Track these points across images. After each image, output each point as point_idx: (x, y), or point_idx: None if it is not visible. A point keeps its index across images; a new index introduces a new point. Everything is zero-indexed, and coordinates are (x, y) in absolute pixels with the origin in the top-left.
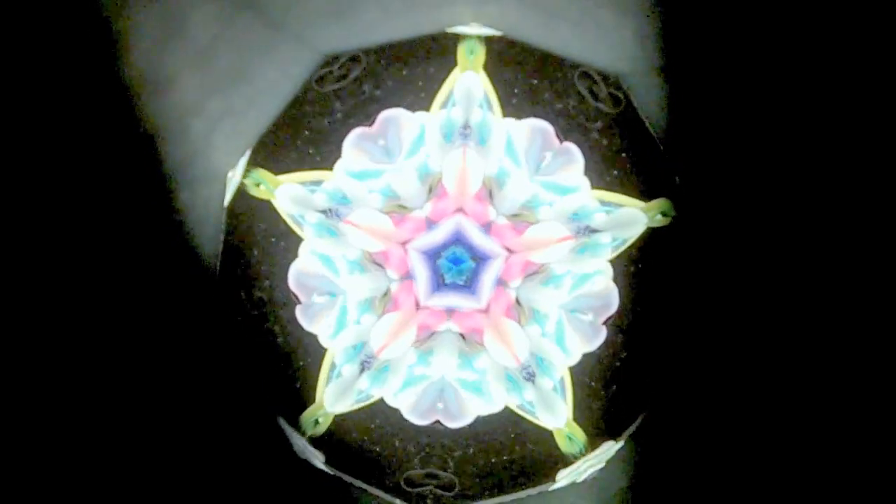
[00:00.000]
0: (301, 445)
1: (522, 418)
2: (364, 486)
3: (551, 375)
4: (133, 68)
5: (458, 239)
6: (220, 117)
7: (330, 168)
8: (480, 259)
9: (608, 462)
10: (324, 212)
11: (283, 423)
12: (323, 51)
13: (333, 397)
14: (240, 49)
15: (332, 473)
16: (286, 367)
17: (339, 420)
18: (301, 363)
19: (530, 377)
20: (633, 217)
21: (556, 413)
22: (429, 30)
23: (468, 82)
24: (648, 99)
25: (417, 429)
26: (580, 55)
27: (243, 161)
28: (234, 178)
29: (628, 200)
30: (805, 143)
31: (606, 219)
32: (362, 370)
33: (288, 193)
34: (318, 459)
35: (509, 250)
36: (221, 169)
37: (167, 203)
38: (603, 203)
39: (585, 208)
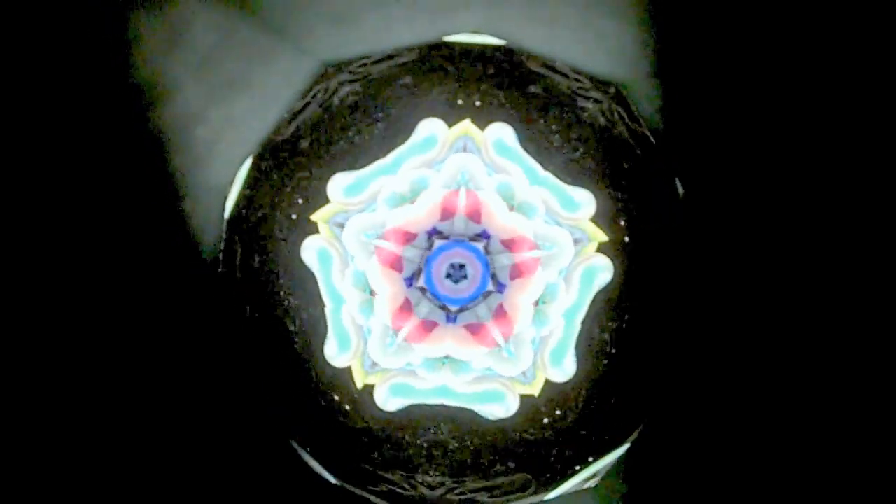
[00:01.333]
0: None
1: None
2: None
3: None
4: (136, 77)
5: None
6: (223, 125)
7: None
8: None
9: (606, 474)
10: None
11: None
12: (324, 59)
13: (379, 351)
14: (242, 57)
15: (340, 485)
16: (295, 368)
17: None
18: (311, 364)
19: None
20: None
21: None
22: (430, 38)
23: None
24: (647, 104)
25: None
26: (580, 62)
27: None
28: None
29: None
30: (807, 148)
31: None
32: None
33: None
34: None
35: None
36: (225, 177)
37: (170, 211)
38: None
39: (527, 203)
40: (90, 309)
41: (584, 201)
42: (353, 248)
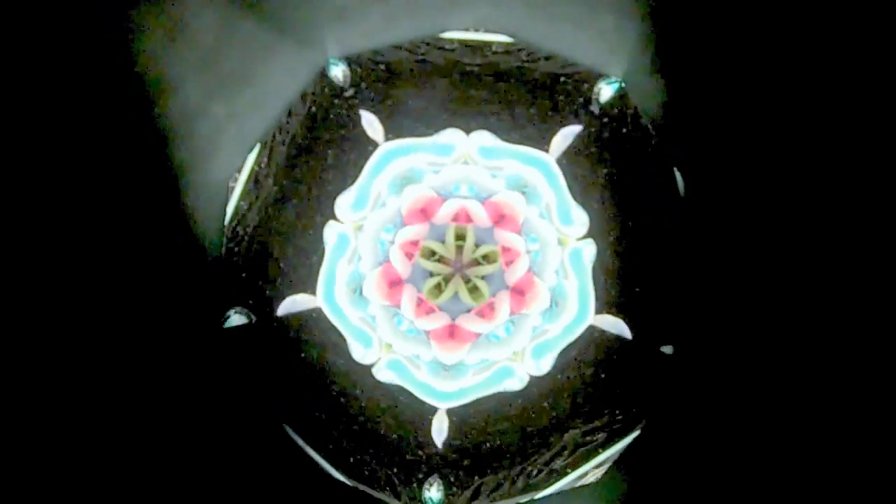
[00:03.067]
0: None
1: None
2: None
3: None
4: (137, 71)
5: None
6: (225, 120)
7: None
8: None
9: (608, 470)
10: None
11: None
12: (328, 54)
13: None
14: (244, 52)
15: (352, 485)
16: (306, 364)
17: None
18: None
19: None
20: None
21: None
22: (432, 33)
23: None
24: (651, 101)
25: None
26: (581, 58)
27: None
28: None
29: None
30: (812, 146)
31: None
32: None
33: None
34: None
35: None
36: (227, 173)
37: (172, 207)
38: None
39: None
40: (90, 305)
41: (579, 221)
42: (366, 249)
